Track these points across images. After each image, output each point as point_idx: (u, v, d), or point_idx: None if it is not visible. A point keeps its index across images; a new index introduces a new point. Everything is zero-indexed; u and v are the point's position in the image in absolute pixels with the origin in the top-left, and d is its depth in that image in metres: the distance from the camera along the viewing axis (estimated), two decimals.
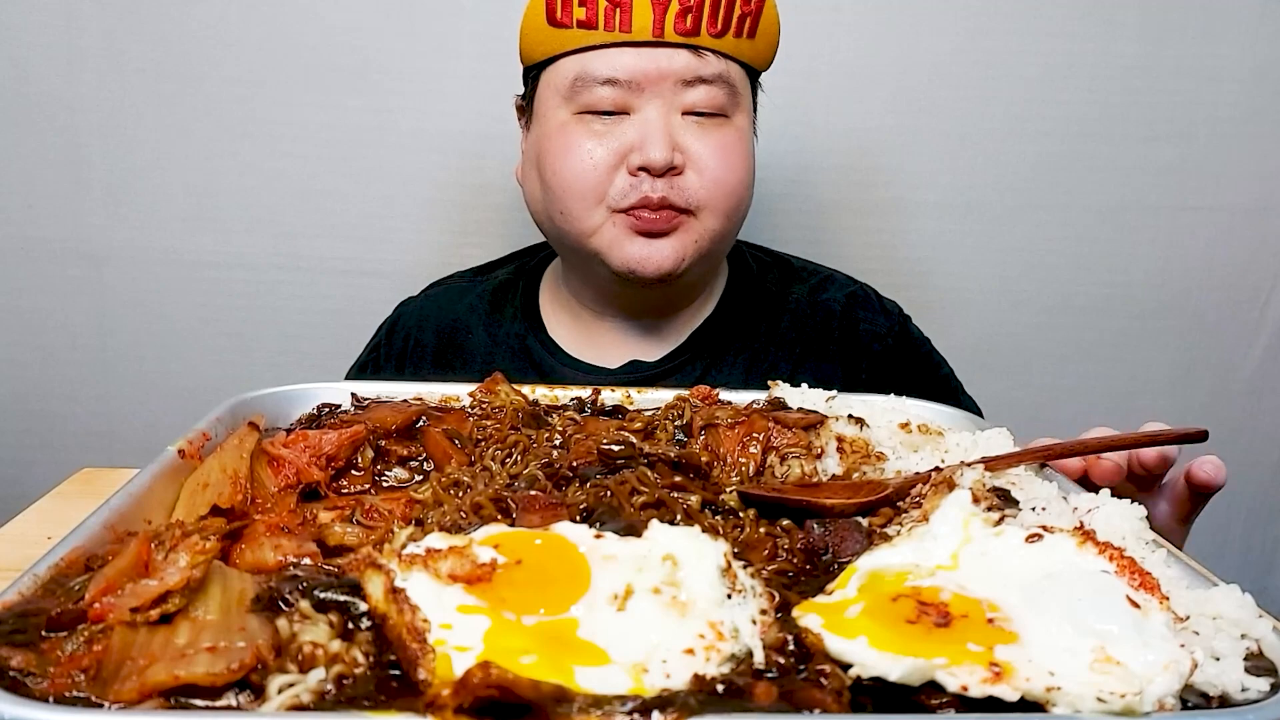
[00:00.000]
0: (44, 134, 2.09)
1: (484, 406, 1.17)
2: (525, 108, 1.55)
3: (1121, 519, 0.82)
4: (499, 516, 0.85)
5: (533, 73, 1.51)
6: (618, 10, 1.37)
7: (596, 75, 1.40)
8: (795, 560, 0.83)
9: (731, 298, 1.61)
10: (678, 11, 1.36)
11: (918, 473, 0.97)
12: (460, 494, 0.92)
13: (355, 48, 2.06)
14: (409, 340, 1.67)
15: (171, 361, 2.20)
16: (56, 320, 2.19)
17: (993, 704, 0.59)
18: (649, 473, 0.92)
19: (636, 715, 0.57)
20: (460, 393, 1.21)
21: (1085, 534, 0.76)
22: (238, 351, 2.19)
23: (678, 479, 0.93)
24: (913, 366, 1.60)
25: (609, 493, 0.89)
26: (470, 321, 1.65)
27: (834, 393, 1.19)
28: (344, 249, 2.15)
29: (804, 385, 1.21)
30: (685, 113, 1.42)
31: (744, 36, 1.42)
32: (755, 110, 1.54)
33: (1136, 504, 0.85)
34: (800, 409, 1.13)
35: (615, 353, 1.57)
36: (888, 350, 1.60)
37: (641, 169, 1.39)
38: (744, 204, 1.49)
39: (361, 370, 1.70)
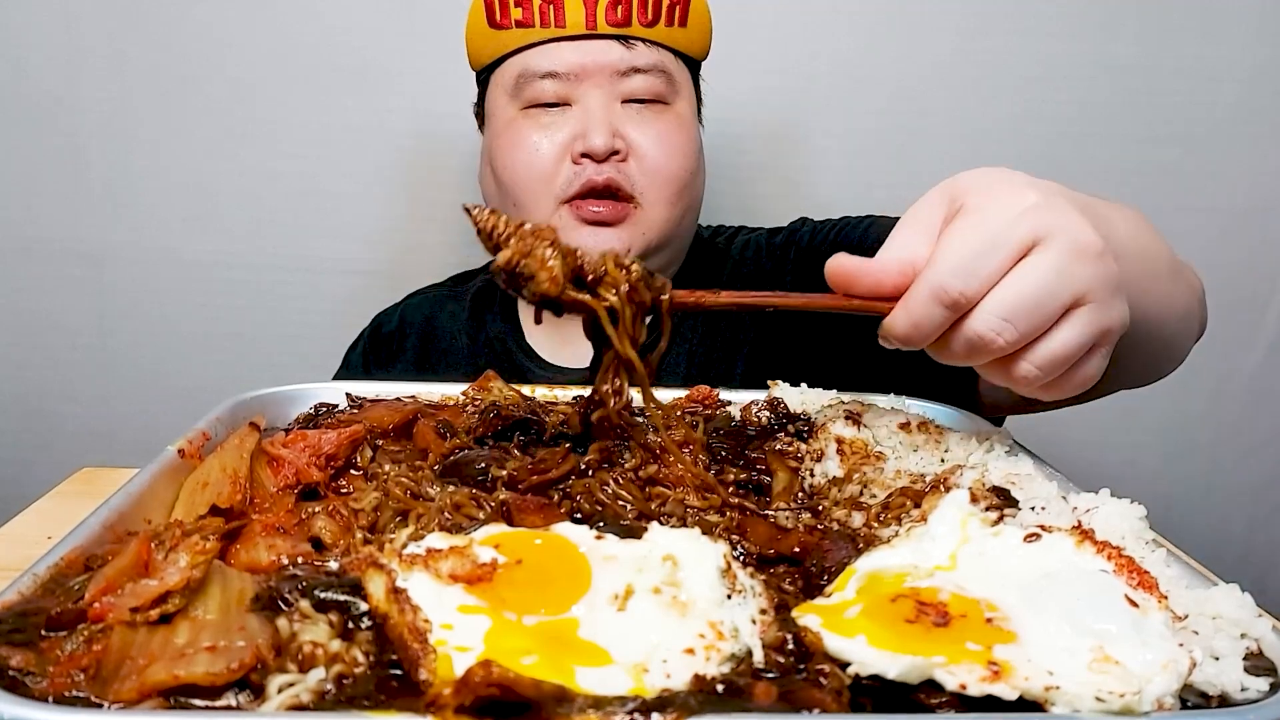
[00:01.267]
0: (44, 134, 2.09)
1: (476, 404, 1.17)
2: (479, 112, 1.63)
3: (1121, 518, 0.82)
4: (479, 515, 0.86)
5: (482, 76, 1.59)
6: (551, 7, 1.44)
7: (537, 70, 1.47)
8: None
9: (685, 265, 1.65)
10: (608, 4, 1.43)
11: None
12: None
13: (355, 48, 2.06)
14: (392, 346, 1.69)
15: (171, 361, 2.21)
16: (56, 320, 2.20)
17: (991, 703, 0.60)
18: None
19: (636, 715, 0.57)
20: (455, 392, 1.22)
21: (1084, 533, 0.76)
22: (237, 351, 2.19)
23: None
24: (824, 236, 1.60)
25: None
26: (452, 328, 1.67)
27: (833, 393, 1.19)
28: (343, 249, 2.16)
29: (803, 385, 1.21)
30: (626, 100, 1.47)
31: (675, 25, 1.48)
32: (700, 100, 1.60)
33: (1136, 504, 0.85)
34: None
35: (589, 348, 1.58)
36: (806, 236, 1.62)
37: (585, 155, 1.44)
38: (689, 190, 1.53)
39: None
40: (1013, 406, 1.37)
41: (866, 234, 1.51)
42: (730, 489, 0.98)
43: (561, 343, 1.61)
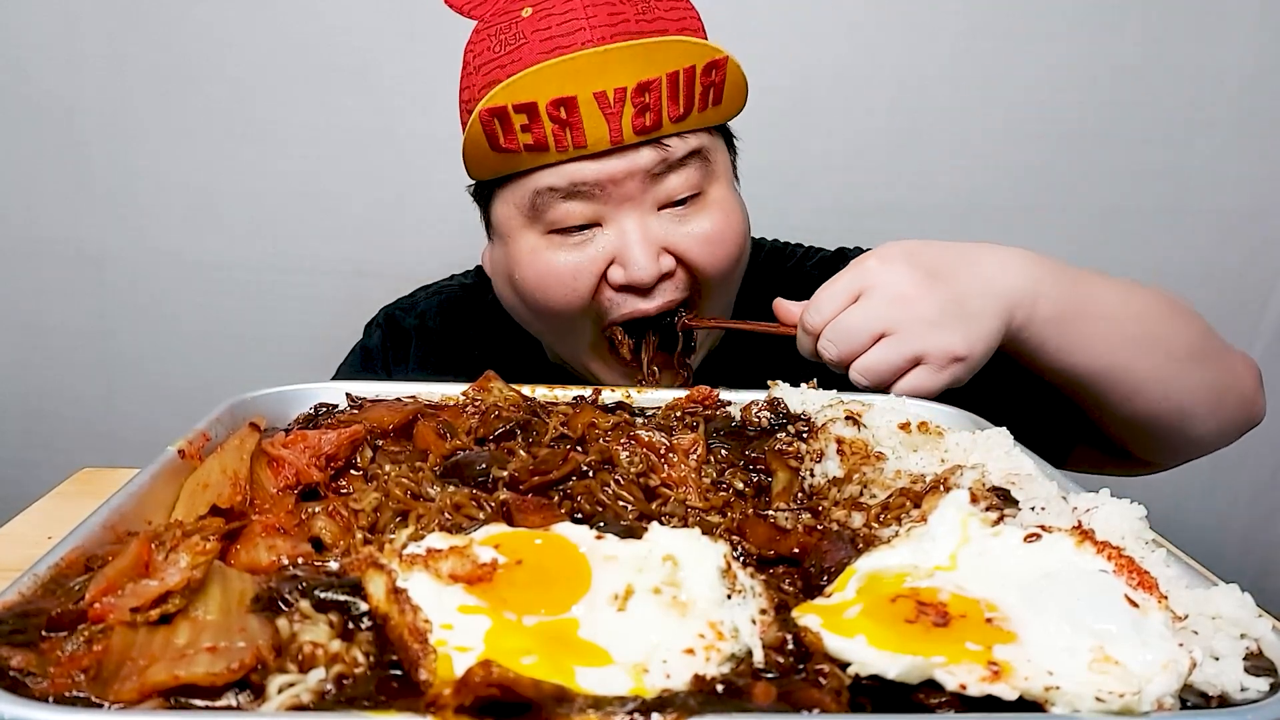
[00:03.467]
0: (44, 135, 2.10)
1: (476, 405, 1.17)
2: (479, 201, 1.49)
3: (1121, 518, 0.82)
4: (478, 516, 0.86)
5: (484, 189, 1.44)
6: (568, 129, 1.26)
7: (557, 190, 1.31)
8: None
9: (751, 292, 1.59)
10: (634, 113, 1.26)
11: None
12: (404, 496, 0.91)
13: (355, 48, 2.06)
14: (411, 343, 1.67)
15: (172, 362, 2.21)
16: (58, 321, 2.20)
17: (991, 703, 0.60)
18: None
19: (636, 715, 0.57)
20: (455, 392, 1.22)
21: (1084, 533, 0.76)
22: (238, 352, 2.19)
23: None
24: None
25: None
26: (473, 332, 1.65)
27: (833, 392, 1.19)
28: (344, 250, 2.16)
29: (803, 385, 1.21)
30: (662, 206, 1.34)
31: (710, 106, 1.34)
32: (734, 153, 1.49)
33: (1136, 504, 0.85)
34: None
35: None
36: None
37: (627, 286, 1.33)
38: (741, 263, 1.45)
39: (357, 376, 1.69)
40: (1099, 468, 1.54)
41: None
42: (730, 491, 0.99)
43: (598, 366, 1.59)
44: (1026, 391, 1.37)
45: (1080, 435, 1.47)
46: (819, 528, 0.88)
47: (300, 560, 0.80)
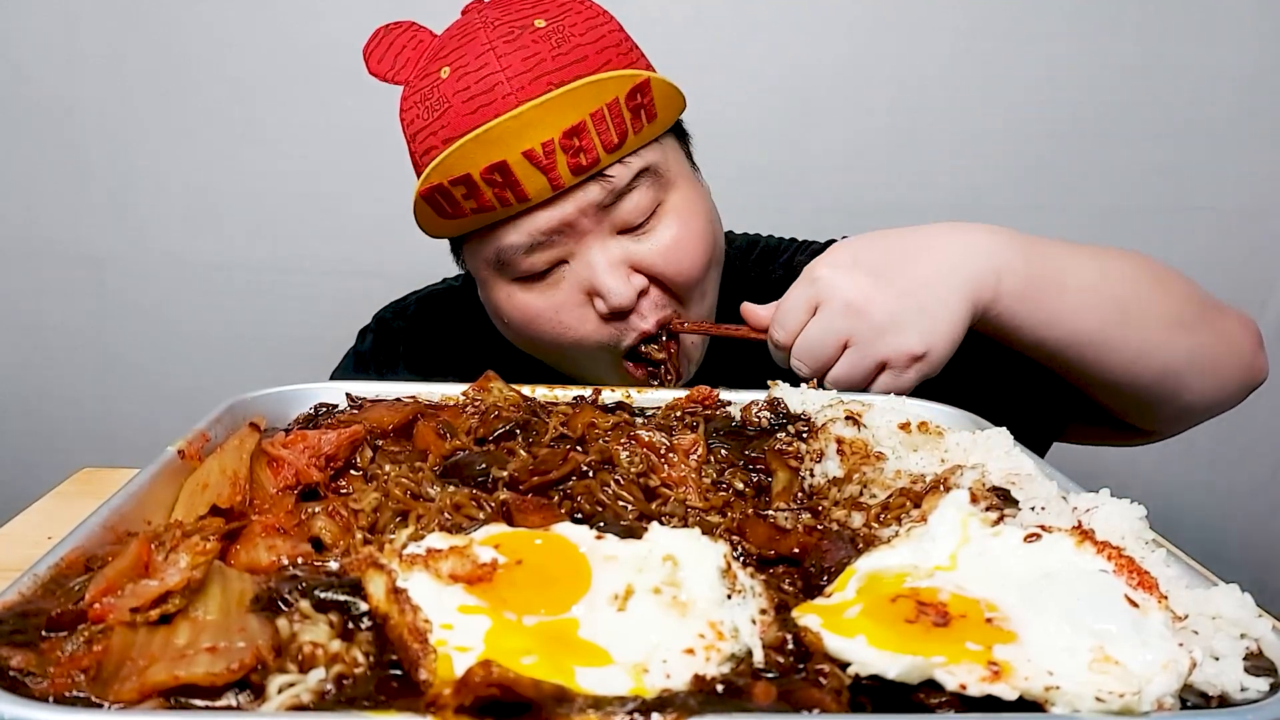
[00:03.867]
0: (44, 137, 2.10)
1: (476, 405, 1.17)
2: (456, 260, 1.52)
3: (1121, 518, 0.82)
4: (478, 515, 0.86)
5: (454, 243, 1.47)
6: (508, 189, 1.29)
7: (516, 247, 1.34)
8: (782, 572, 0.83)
9: (722, 298, 1.59)
10: (568, 159, 1.28)
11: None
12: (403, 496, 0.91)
13: (355, 48, 2.06)
14: (401, 347, 1.67)
15: (171, 362, 2.21)
16: (58, 322, 2.20)
17: (991, 703, 0.60)
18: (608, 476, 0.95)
19: (636, 715, 0.57)
20: (455, 392, 1.22)
21: (1084, 533, 0.76)
22: (237, 353, 2.20)
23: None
24: None
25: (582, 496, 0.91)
26: (466, 334, 1.64)
27: (833, 393, 1.19)
28: (343, 251, 2.16)
29: (803, 386, 1.21)
30: (621, 230, 1.36)
31: (645, 124, 1.33)
32: (687, 140, 1.48)
33: (1136, 504, 0.85)
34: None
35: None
36: None
37: (612, 313, 1.35)
38: (715, 263, 1.45)
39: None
40: (1100, 440, 1.58)
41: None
42: (730, 491, 0.99)
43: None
44: (1016, 369, 1.36)
45: (1074, 412, 1.46)
46: (819, 528, 0.88)
47: (300, 560, 0.80)
